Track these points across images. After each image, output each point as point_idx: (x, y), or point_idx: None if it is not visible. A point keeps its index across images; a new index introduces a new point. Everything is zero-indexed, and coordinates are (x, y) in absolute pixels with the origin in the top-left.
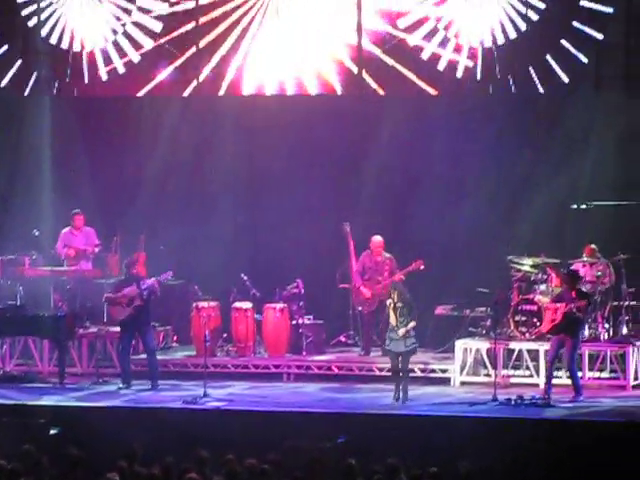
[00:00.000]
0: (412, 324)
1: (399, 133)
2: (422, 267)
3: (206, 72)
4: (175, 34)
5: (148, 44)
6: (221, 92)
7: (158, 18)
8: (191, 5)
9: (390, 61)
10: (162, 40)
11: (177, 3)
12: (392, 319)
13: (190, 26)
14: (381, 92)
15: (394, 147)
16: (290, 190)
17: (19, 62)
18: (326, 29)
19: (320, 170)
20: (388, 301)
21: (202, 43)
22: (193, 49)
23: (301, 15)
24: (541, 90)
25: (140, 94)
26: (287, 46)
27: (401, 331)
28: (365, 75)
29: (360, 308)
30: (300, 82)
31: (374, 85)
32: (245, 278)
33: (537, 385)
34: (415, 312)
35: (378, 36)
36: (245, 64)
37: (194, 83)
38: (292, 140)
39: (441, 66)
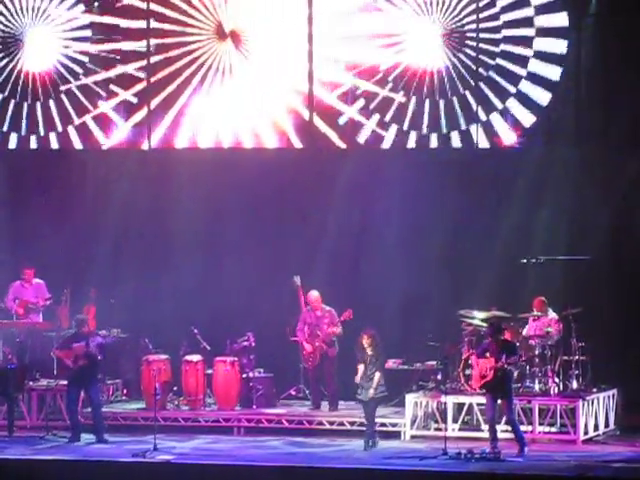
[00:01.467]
0: (377, 375)
1: (353, 187)
2: (351, 317)
3: (161, 129)
4: (128, 93)
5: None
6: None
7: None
8: (141, 64)
9: (344, 108)
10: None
11: (127, 63)
12: (361, 368)
13: (140, 86)
14: (340, 143)
15: (348, 201)
16: (242, 243)
17: None
18: (280, 80)
19: (272, 223)
20: (365, 350)
21: (155, 101)
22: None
23: (254, 68)
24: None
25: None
26: (241, 99)
27: (370, 392)
28: (321, 125)
29: (305, 363)
30: (256, 134)
31: (331, 134)
32: (195, 331)
33: (487, 439)
34: (381, 363)
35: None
36: (199, 120)
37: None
38: (245, 193)
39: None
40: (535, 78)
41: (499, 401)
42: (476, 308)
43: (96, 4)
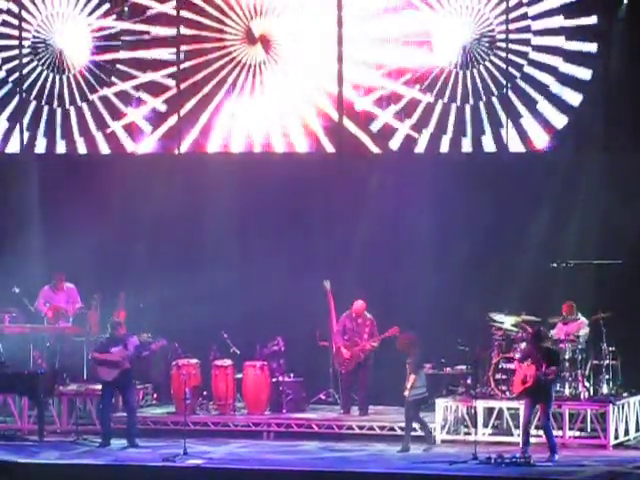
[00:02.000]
0: (412, 377)
1: (385, 191)
2: (397, 333)
3: (192, 135)
4: (158, 100)
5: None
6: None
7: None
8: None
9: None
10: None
11: (157, 70)
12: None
13: (170, 93)
14: (372, 147)
15: (379, 205)
16: (272, 247)
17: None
18: (310, 83)
19: (303, 227)
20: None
21: (185, 108)
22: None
23: (284, 71)
24: (522, 150)
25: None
26: (272, 103)
27: (405, 393)
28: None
29: (339, 368)
30: (287, 139)
31: (364, 138)
32: (225, 336)
33: (517, 444)
34: (416, 365)
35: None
36: (230, 125)
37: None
38: (276, 197)
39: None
40: (566, 79)
41: (537, 406)
42: (506, 312)
43: (126, 9)
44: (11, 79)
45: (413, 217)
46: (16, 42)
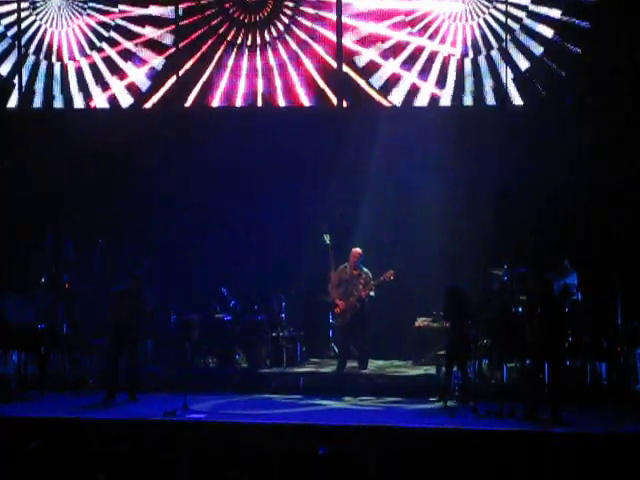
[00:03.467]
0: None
1: (389, 144)
2: (392, 278)
3: (195, 91)
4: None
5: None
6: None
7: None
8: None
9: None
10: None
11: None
12: None
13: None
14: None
15: (382, 160)
16: (273, 203)
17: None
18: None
19: (302, 182)
20: None
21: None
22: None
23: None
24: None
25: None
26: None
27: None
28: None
29: (335, 321)
30: (292, 92)
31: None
32: (224, 291)
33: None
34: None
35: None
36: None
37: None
38: (278, 152)
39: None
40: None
41: None
42: (505, 267)
43: None
44: (10, 33)
45: (414, 171)
46: None
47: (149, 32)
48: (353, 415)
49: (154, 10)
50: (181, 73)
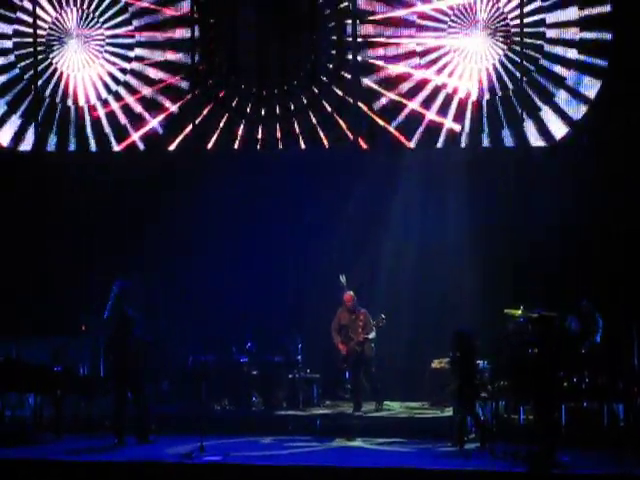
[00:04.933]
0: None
1: (413, 187)
2: (384, 322)
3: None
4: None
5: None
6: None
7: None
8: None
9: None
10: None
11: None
12: None
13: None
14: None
15: (401, 199)
16: (288, 243)
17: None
18: None
19: (318, 225)
20: None
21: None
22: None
23: None
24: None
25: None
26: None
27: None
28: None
29: (340, 366)
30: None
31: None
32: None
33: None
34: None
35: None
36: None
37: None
38: (290, 190)
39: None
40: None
41: None
42: (522, 308)
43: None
44: (26, 77)
45: (431, 211)
46: (30, 39)
47: (165, 77)
48: (370, 457)
49: (170, 56)
50: (199, 120)
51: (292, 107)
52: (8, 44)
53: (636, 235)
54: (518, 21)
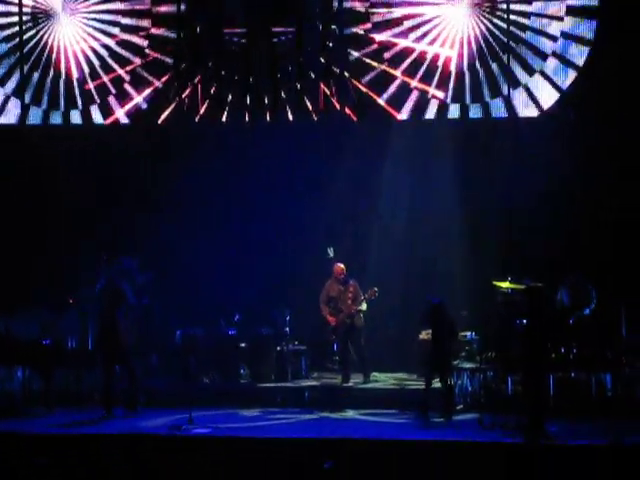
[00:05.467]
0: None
1: (395, 158)
2: (375, 296)
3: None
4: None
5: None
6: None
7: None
8: None
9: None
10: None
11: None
12: None
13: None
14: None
15: (391, 172)
16: (278, 215)
17: None
18: None
19: (306, 195)
20: None
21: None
22: None
23: None
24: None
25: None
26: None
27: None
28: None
29: (328, 337)
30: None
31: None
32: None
33: None
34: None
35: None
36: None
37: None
38: (280, 165)
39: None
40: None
41: None
42: (510, 279)
43: None
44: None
45: (419, 184)
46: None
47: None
48: (358, 428)
49: (155, 30)
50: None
51: (279, 77)
52: None
53: (626, 208)
54: None
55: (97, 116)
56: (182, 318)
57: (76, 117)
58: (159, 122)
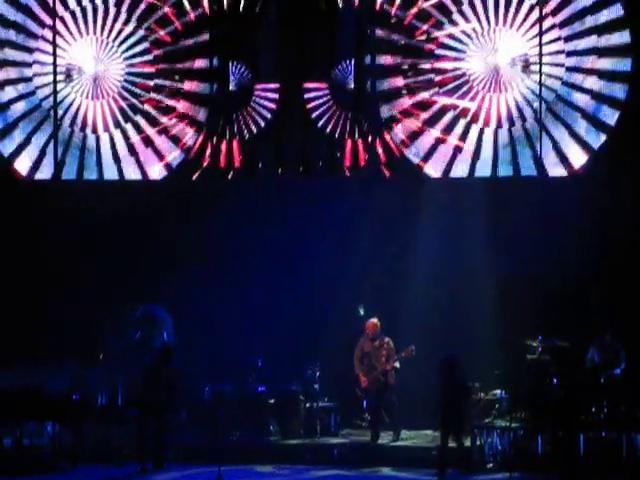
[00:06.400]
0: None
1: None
2: (413, 353)
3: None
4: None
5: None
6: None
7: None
8: None
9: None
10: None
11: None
12: None
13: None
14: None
15: (420, 231)
16: (308, 271)
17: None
18: None
19: (340, 251)
20: None
21: None
22: None
23: None
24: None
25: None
26: None
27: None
28: None
29: (360, 395)
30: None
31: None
32: (259, 362)
33: None
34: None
35: None
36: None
37: None
38: (315, 220)
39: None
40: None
41: None
42: (540, 339)
43: None
44: (44, 104)
45: (449, 243)
46: (50, 69)
47: (182, 107)
48: None
49: (188, 85)
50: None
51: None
52: (28, 72)
53: None
54: (537, 50)
55: (130, 173)
56: (211, 373)
57: (110, 173)
58: (193, 179)
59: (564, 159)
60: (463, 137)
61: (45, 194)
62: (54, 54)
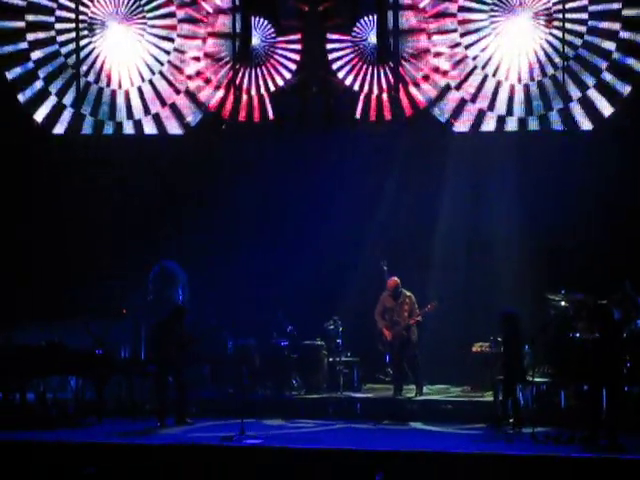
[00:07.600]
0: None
1: (458, 171)
2: (433, 309)
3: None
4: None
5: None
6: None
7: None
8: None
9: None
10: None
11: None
12: None
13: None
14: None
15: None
16: (329, 225)
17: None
18: None
19: (359, 205)
20: None
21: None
22: None
23: None
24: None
25: None
26: None
27: None
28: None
29: (383, 349)
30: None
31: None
32: (281, 315)
33: None
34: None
35: None
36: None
37: None
38: (338, 172)
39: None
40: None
41: None
42: (563, 292)
43: None
44: (63, 52)
45: (475, 197)
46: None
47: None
48: (410, 440)
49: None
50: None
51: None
52: (51, 19)
53: None
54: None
55: (149, 128)
56: (235, 329)
57: (129, 128)
58: (222, 127)
59: (592, 111)
60: (487, 93)
61: (65, 147)
62: (77, 7)
